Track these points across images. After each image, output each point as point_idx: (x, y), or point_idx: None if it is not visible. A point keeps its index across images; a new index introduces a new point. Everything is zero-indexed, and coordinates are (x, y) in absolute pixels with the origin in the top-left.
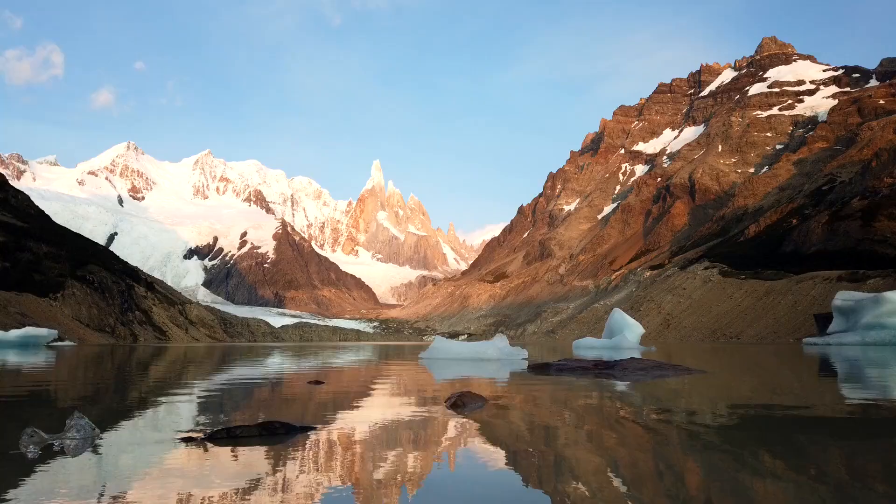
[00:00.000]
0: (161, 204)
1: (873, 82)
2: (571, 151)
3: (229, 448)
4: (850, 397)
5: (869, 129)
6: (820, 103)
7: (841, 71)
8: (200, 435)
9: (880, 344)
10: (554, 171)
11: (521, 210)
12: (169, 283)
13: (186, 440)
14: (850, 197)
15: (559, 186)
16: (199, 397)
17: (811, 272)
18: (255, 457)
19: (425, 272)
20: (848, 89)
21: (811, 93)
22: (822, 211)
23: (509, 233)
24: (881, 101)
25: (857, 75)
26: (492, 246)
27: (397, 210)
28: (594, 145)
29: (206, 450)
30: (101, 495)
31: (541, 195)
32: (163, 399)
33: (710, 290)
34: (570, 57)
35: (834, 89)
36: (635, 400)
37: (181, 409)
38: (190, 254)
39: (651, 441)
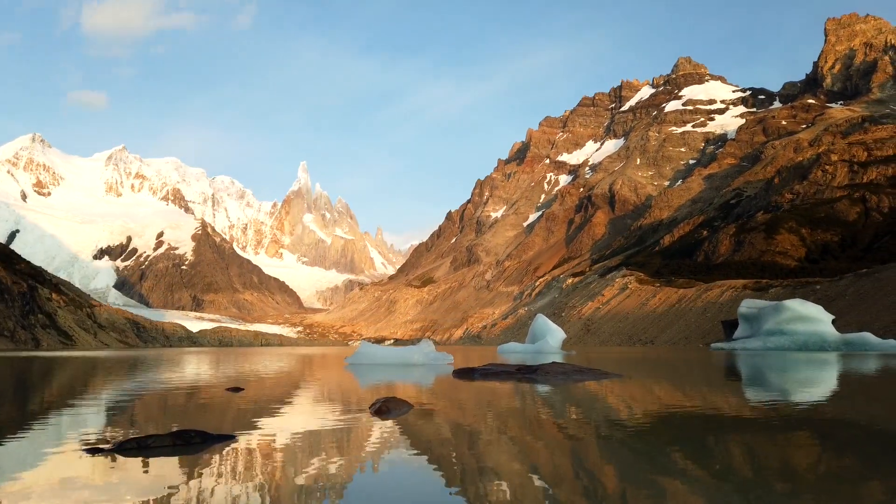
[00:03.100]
0: (69, 201)
1: (777, 104)
2: (499, 159)
3: (140, 459)
4: (753, 400)
5: (772, 148)
6: (729, 122)
7: (748, 92)
8: (108, 446)
9: (780, 349)
10: (482, 178)
11: (449, 216)
12: (77, 285)
13: (92, 451)
14: (755, 211)
15: (487, 193)
16: (107, 406)
17: (719, 281)
18: (167, 468)
19: (352, 276)
20: (754, 110)
21: (721, 112)
22: (729, 223)
23: (437, 238)
24: (783, 122)
25: (763, 97)
26: (420, 251)
27: (324, 213)
28: (521, 154)
29: (113, 461)
30: None
31: (469, 202)
32: (67, 408)
33: (628, 297)
34: (499, 66)
35: (742, 109)
36: (556, 403)
37: (87, 419)
38: (101, 254)
39: (570, 443)
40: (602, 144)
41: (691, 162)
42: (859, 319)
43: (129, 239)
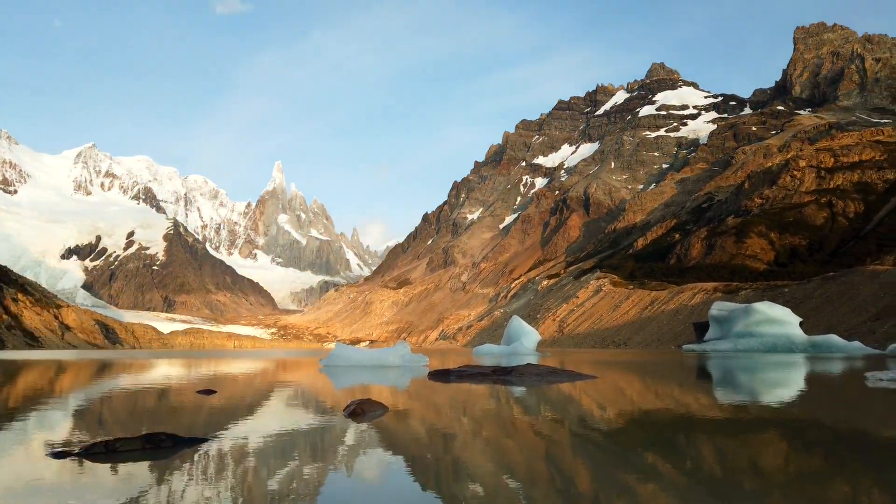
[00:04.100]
0: (37, 199)
1: (747, 110)
2: (476, 161)
3: (108, 464)
4: (723, 400)
5: (743, 154)
6: (701, 127)
7: (720, 98)
8: (75, 449)
9: (750, 350)
10: (458, 180)
11: (425, 217)
12: (44, 285)
13: (59, 455)
14: (726, 215)
15: (463, 195)
16: (73, 409)
17: (691, 283)
18: (137, 472)
19: (327, 277)
20: (725, 115)
21: (694, 117)
22: (701, 227)
23: (413, 240)
24: (753, 128)
25: (734, 103)
26: (396, 252)
27: (299, 213)
28: (497, 157)
29: (80, 466)
30: None
31: (445, 203)
32: (32, 411)
33: (602, 299)
34: (475, 69)
35: (713, 115)
36: (530, 405)
37: (53, 422)
38: (69, 253)
39: (544, 444)
40: (577, 148)
41: (664, 166)
42: (826, 322)
43: (99, 238)
